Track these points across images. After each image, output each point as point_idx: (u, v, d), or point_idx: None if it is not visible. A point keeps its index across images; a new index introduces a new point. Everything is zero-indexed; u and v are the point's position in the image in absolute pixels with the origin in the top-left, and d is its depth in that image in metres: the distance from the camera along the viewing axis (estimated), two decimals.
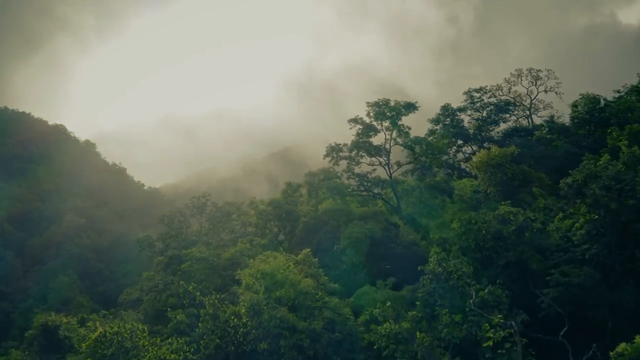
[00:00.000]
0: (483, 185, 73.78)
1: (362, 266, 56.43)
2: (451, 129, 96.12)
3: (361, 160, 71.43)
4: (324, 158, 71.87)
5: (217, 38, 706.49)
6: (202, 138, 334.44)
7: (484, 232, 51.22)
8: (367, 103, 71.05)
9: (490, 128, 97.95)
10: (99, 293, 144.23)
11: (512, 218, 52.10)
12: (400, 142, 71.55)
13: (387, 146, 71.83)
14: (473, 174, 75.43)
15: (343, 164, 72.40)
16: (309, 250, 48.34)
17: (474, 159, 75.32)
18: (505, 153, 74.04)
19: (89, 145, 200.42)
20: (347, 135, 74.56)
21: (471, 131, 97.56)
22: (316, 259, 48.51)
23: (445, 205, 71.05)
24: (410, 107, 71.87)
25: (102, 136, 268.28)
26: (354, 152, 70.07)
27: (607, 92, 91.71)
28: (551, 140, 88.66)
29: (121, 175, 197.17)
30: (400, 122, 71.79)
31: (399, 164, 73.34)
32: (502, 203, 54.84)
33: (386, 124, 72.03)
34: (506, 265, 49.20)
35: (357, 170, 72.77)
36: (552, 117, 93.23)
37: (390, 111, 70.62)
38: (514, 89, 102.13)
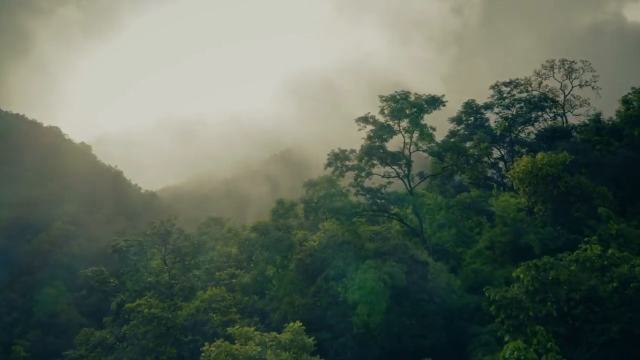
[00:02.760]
0: (528, 202, 54.13)
1: (380, 329, 36.64)
2: (475, 129, 76.25)
3: (373, 171, 51.68)
4: (325, 168, 52.23)
5: (217, 38, 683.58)
6: (202, 139, 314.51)
7: (565, 287, 31.53)
8: (381, 97, 51.20)
9: (519, 128, 77.82)
10: (89, 305, 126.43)
11: (606, 264, 32.49)
12: (424, 148, 51.73)
13: (407, 152, 52.04)
14: (515, 187, 55.51)
15: (349, 174, 52.75)
16: (301, 324, 28.84)
17: (515, 167, 55.53)
18: (556, 161, 54.31)
19: (84, 148, 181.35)
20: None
21: (498, 132, 77.46)
22: (311, 338, 28.92)
23: (483, 229, 51.32)
24: (435, 102, 51.96)
25: (102, 138, 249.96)
26: (364, 161, 50.21)
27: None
28: (595, 143, 68.73)
29: (117, 178, 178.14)
30: (422, 122, 52.12)
31: (422, 176, 53.47)
32: (593, 242, 35.13)
33: (404, 124, 52.30)
34: (607, 345, 29.55)
35: (367, 182, 53.06)
36: (597, 114, 73.09)
37: (411, 107, 50.77)
38: (544, 82, 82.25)
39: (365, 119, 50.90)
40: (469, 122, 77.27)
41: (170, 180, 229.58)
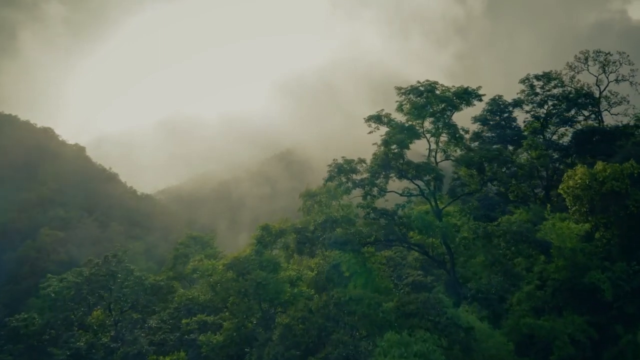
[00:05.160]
0: (586, 224, 39.49)
1: None
2: (502, 131, 61.79)
3: (387, 187, 37.12)
4: (325, 183, 37.71)
5: (216, 39, 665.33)
6: (201, 140, 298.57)
7: None
8: (399, 89, 36.60)
9: (553, 129, 63.03)
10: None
11: None
12: (455, 156, 37.09)
13: (432, 161, 37.42)
14: (569, 206, 40.84)
15: (356, 191, 38.23)
16: None
17: (567, 180, 40.88)
18: (622, 172, 39.76)
19: (78, 149, 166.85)
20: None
21: (526, 133, 62.68)
22: None
23: (535, 264, 36.74)
24: (469, 96, 37.36)
25: (101, 139, 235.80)
26: (376, 175, 35.52)
27: None
28: None
29: (112, 180, 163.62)
30: (452, 122, 37.55)
31: (452, 194, 38.85)
32: None
33: (427, 124, 37.73)
34: None
35: (380, 197, 38.51)
36: None
37: (438, 103, 36.13)
38: (577, 77, 67.61)
39: (378, 118, 36.20)
40: (494, 121, 62.66)
41: (170, 181, 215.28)
